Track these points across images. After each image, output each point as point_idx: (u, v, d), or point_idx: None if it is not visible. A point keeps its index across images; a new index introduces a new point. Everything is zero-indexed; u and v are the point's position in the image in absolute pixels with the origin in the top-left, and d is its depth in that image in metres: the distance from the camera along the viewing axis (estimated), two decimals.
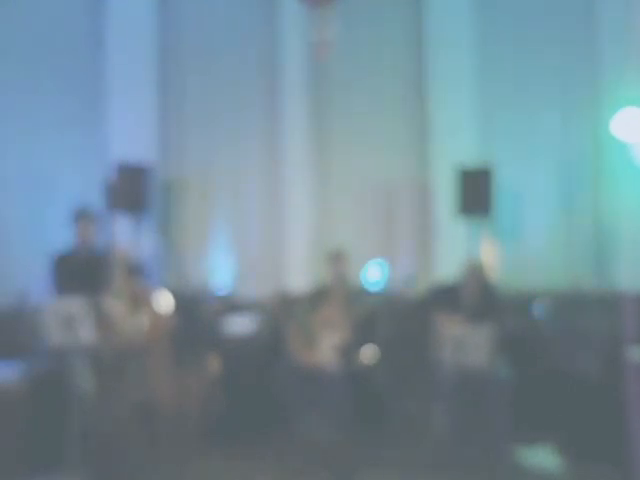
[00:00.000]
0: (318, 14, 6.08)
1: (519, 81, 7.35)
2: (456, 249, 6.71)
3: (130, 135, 6.99)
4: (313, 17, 6.49)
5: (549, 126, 7.32)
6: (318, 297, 5.34)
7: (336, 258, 5.45)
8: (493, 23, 7.43)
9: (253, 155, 7.50)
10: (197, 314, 6.07)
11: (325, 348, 5.04)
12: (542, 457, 4.85)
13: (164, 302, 5.10)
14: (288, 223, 7.36)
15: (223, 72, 7.45)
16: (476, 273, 5.37)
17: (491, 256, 6.78)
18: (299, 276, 6.94)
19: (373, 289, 6.49)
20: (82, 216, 4.89)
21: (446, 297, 5.36)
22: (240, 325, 6.06)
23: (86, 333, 4.29)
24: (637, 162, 6.44)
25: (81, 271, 4.67)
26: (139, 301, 4.88)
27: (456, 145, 7.18)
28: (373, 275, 6.67)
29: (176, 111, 7.44)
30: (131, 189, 6.40)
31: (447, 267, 6.61)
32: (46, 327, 4.34)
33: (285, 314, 5.85)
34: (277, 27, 7.46)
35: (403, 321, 6.02)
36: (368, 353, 5.21)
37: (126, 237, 6.37)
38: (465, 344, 4.79)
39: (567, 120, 7.32)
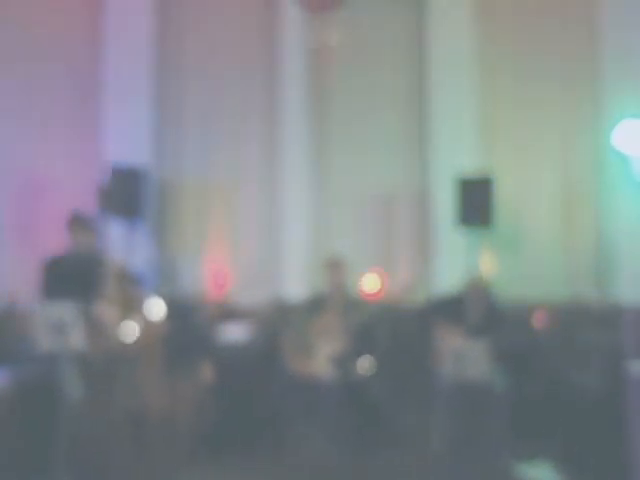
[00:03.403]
0: (319, 20, 6.06)
1: (520, 91, 7.32)
2: (455, 259, 6.71)
3: (125, 138, 6.95)
4: (314, 23, 6.48)
5: (550, 136, 7.29)
6: (315, 305, 5.31)
7: (334, 266, 5.42)
8: (494, 32, 7.41)
9: (251, 160, 7.44)
10: (191, 321, 6.01)
11: (321, 357, 5.00)
12: (541, 472, 4.80)
13: (157, 308, 5.05)
14: (285, 230, 7.29)
15: (221, 75, 7.41)
16: (478, 288, 5.34)
17: (490, 267, 6.73)
18: (296, 284, 6.87)
19: (371, 298, 6.43)
20: (77, 222, 4.84)
21: (447, 310, 5.33)
22: (235, 333, 6.02)
23: (76, 339, 4.22)
24: (637, 175, 6.42)
25: (72, 276, 4.62)
26: (131, 307, 4.83)
27: (456, 154, 7.13)
28: (371, 284, 6.61)
29: (173, 114, 7.39)
30: (126, 193, 6.36)
31: (446, 277, 6.62)
32: (36, 332, 4.28)
33: (281, 322, 5.82)
34: (277, 32, 7.43)
35: (401, 331, 5.98)
36: (365, 363, 5.15)
37: (120, 242, 6.33)
38: (465, 357, 4.77)
39: (568, 131, 7.28)
